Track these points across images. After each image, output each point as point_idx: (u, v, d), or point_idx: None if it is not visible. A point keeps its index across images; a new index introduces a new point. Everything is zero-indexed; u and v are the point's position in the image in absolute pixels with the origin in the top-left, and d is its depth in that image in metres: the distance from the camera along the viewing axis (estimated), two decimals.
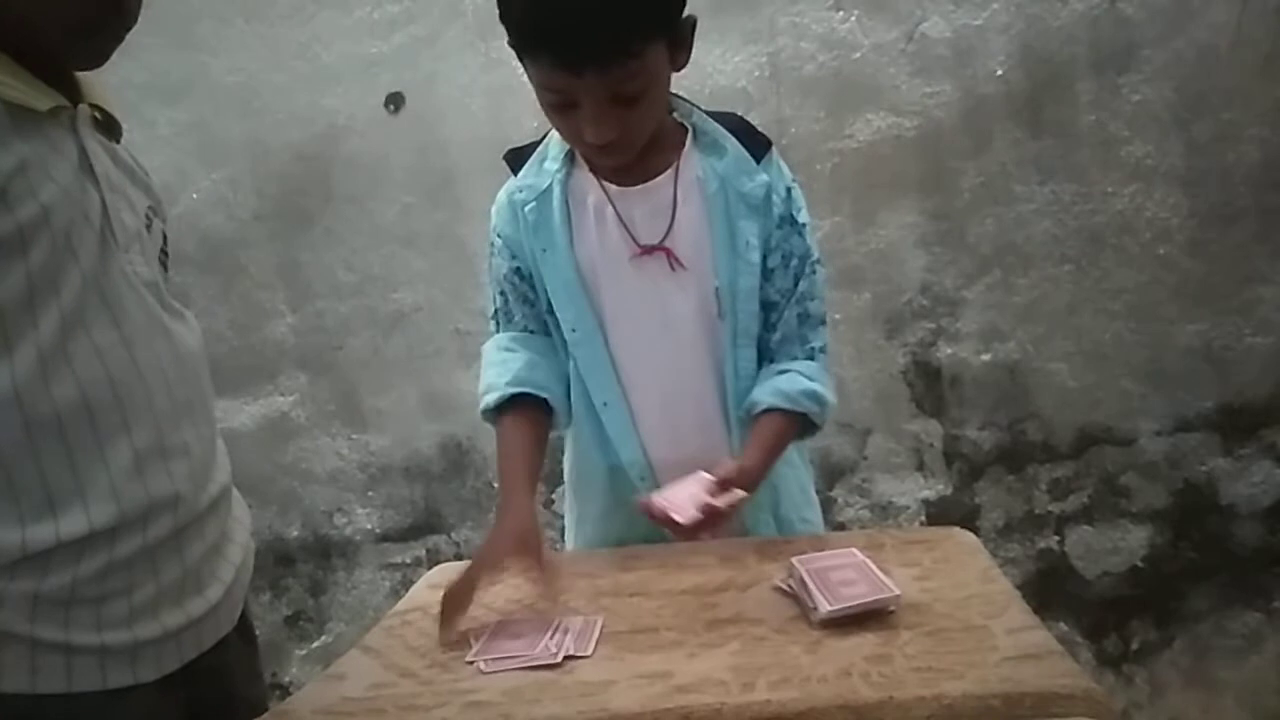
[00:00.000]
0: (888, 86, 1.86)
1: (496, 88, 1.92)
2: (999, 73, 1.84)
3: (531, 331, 1.14)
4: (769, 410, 1.08)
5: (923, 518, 1.98)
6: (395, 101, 1.96)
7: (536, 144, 1.13)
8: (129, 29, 0.87)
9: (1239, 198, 1.83)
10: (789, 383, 1.08)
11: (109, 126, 0.92)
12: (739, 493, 0.98)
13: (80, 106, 0.87)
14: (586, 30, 0.89)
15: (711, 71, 1.87)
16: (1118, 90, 1.82)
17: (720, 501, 0.96)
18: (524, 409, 1.10)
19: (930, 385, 1.95)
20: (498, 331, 1.16)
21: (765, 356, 1.12)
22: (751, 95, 1.87)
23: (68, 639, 0.82)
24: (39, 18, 0.80)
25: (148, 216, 0.94)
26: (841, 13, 1.85)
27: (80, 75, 0.90)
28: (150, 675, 0.87)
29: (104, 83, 0.93)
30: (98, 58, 0.87)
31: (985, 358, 1.93)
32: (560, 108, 0.97)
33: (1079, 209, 1.87)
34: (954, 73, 1.85)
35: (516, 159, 1.13)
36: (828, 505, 1.97)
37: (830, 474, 1.97)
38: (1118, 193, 1.85)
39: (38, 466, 0.80)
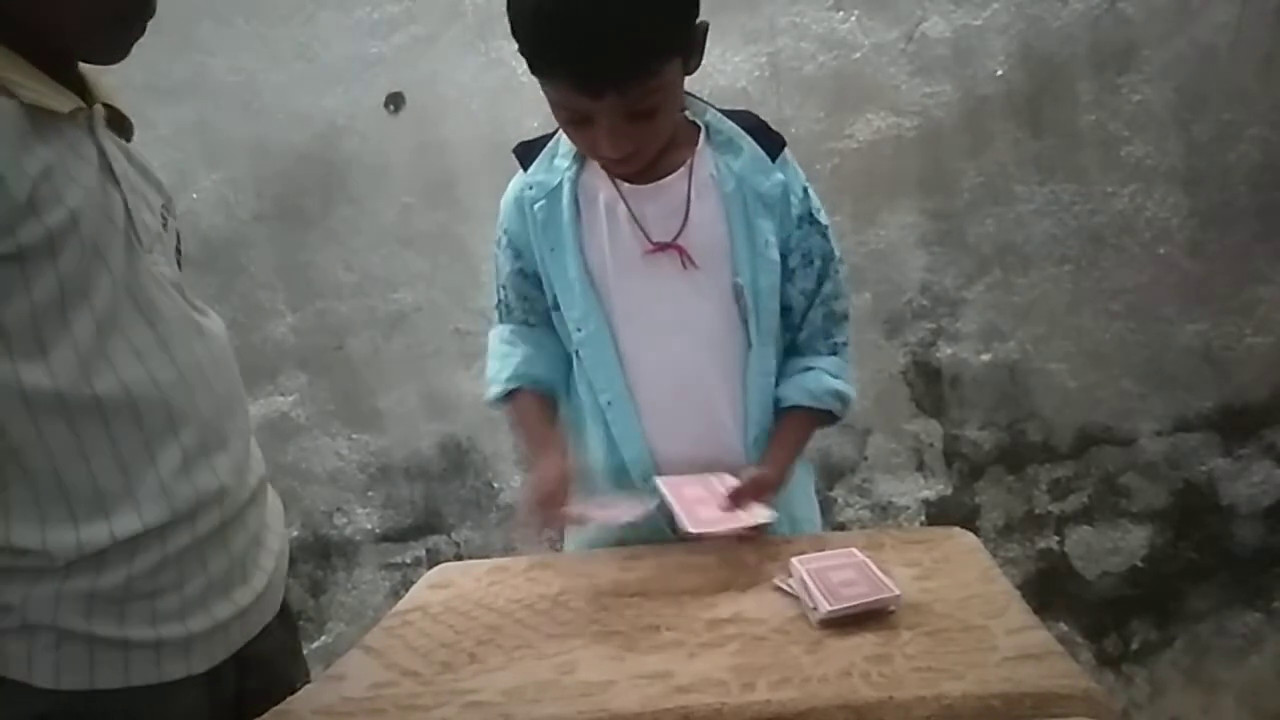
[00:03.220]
0: (888, 86, 1.86)
1: (496, 88, 1.91)
2: (999, 73, 1.84)
3: (531, 324, 1.16)
4: (793, 409, 1.10)
5: (923, 518, 1.97)
6: (395, 101, 1.96)
7: (547, 138, 1.12)
8: (149, 20, 0.87)
9: (1239, 198, 1.82)
10: (814, 381, 1.10)
11: (120, 126, 0.92)
12: (764, 513, 0.99)
13: (95, 107, 0.87)
14: (605, 54, 0.88)
15: (711, 71, 1.87)
16: (1118, 90, 1.82)
17: (750, 520, 0.97)
18: (528, 394, 1.15)
19: (930, 385, 1.95)
20: (500, 321, 1.20)
21: (787, 353, 1.14)
22: (751, 95, 1.87)
23: (124, 634, 0.83)
24: (65, 12, 0.80)
25: (163, 215, 0.94)
26: (841, 13, 1.85)
27: (90, 76, 0.90)
28: (203, 666, 0.89)
29: (108, 82, 0.93)
30: (121, 50, 0.87)
31: (985, 358, 1.93)
32: (577, 123, 0.97)
33: (1079, 209, 1.86)
34: (954, 73, 1.84)
35: (527, 153, 1.13)
36: (828, 505, 1.97)
37: (830, 474, 1.97)
38: (1118, 193, 1.85)
39: (87, 468, 0.81)
